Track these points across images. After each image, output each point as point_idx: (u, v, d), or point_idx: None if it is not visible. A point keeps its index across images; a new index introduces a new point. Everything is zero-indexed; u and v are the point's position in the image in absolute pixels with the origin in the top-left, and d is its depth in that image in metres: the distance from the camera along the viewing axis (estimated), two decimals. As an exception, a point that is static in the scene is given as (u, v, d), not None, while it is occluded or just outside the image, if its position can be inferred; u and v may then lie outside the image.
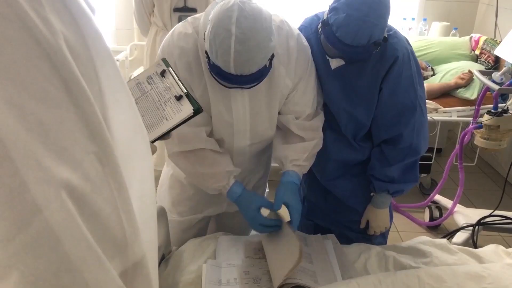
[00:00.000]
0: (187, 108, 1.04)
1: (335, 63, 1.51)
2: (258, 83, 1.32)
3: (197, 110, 1.04)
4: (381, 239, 1.83)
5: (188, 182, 1.66)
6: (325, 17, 1.41)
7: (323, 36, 1.42)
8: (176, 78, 1.08)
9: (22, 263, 0.39)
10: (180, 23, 1.41)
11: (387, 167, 1.60)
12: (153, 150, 1.00)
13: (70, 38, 0.46)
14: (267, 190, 2.01)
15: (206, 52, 1.25)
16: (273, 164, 1.85)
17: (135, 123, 0.62)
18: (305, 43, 1.47)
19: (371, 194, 1.71)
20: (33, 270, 0.39)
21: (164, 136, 1.04)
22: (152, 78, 1.11)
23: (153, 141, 1.02)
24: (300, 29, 1.57)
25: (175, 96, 1.05)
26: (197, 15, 1.40)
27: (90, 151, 0.45)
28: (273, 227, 1.47)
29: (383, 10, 1.36)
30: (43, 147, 0.41)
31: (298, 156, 1.51)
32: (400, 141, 1.56)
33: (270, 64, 1.29)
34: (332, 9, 1.38)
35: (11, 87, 0.40)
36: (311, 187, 1.86)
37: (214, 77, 1.30)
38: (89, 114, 0.46)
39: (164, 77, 1.09)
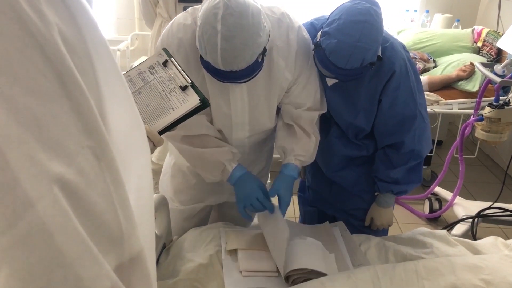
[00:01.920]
0: (193, 98, 1.03)
1: (331, 81, 1.52)
2: (251, 78, 1.32)
3: (204, 100, 1.03)
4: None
5: (190, 171, 1.67)
6: (318, 39, 1.40)
7: (317, 58, 1.42)
8: (180, 68, 1.08)
9: (13, 258, 0.38)
10: (181, 13, 1.41)
11: (391, 169, 1.62)
12: (161, 143, 1.00)
13: (66, 30, 0.45)
14: (268, 181, 2.03)
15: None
16: (275, 155, 1.85)
17: (132, 116, 0.61)
18: (306, 35, 1.46)
19: (376, 193, 1.73)
20: (24, 265, 0.38)
21: (171, 128, 1.03)
22: (154, 68, 1.10)
23: (161, 132, 1.01)
24: None
25: (180, 86, 1.05)
26: (197, 6, 1.39)
27: (85, 145, 0.45)
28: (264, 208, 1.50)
29: (375, 35, 1.35)
30: (35, 141, 0.40)
31: (302, 152, 1.53)
32: (402, 147, 1.58)
33: (263, 59, 1.29)
34: (324, 33, 1.37)
35: (3, 80, 0.39)
36: (316, 177, 1.89)
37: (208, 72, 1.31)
38: (83, 108, 0.45)
39: (166, 67, 1.09)
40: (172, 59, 1.10)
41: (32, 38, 0.41)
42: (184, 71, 1.08)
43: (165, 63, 1.10)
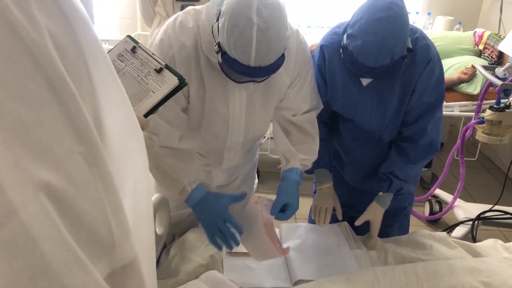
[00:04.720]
0: (171, 79, 1.02)
1: (366, 81, 1.49)
2: (273, 74, 1.28)
3: (181, 79, 1.03)
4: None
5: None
6: (344, 43, 1.39)
7: (347, 61, 1.41)
8: (150, 52, 1.06)
9: None
10: (179, 13, 1.37)
11: (410, 165, 1.57)
12: (147, 126, 1.00)
13: (58, 34, 0.44)
14: (256, 181, 2.00)
15: (219, 46, 1.21)
16: (261, 152, 1.83)
17: (129, 120, 0.60)
18: (303, 39, 1.45)
19: (380, 194, 1.61)
20: (7, 273, 0.37)
21: (154, 110, 1.03)
22: (123, 55, 1.08)
23: (146, 115, 1.01)
24: (321, 48, 1.55)
25: (155, 69, 1.04)
26: (198, 7, 1.37)
27: (76, 151, 0.44)
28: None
29: (400, 29, 1.33)
30: (21, 147, 0.39)
31: (306, 156, 1.49)
32: (422, 138, 1.54)
33: (283, 55, 1.26)
34: (349, 36, 1.36)
35: None
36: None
37: (224, 72, 1.27)
38: (74, 113, 0.44)
39: (135, 53, 1.07)
40: (140, 44, 1.08)
41: (21, 42, 0.40)
42: (154, 54, 1.06)
43: (133, 50, 1.08)
